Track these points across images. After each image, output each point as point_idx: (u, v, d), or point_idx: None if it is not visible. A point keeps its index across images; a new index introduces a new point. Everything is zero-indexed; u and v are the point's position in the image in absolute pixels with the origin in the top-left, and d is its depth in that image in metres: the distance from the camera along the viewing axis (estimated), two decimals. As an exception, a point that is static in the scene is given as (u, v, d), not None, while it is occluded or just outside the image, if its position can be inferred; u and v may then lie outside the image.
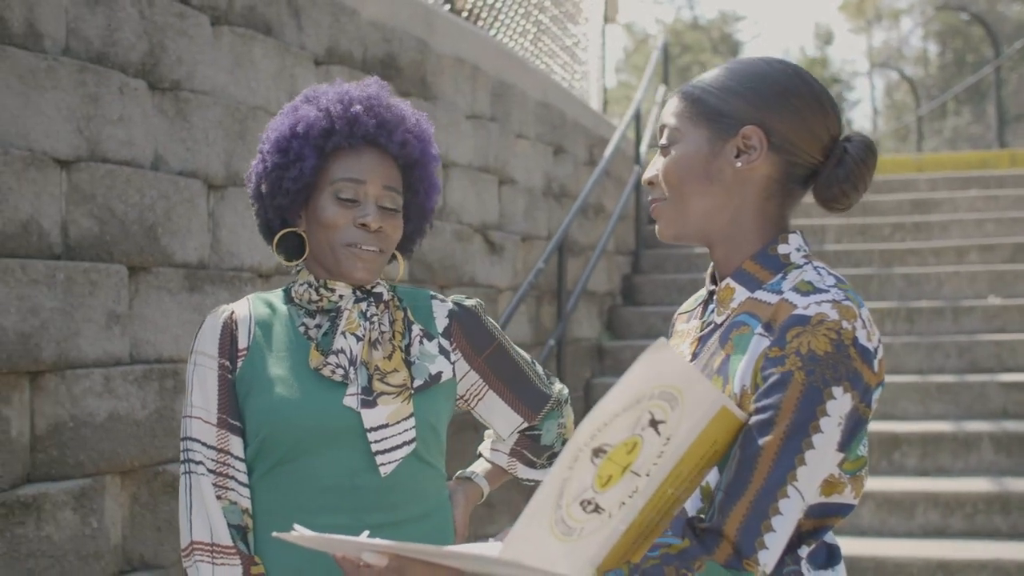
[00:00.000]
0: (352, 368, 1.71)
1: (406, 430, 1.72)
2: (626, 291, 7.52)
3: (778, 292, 1.41)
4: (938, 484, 4.93)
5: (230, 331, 1.74)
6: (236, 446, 1.70)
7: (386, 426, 1.71)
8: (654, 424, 1.23)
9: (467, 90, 5.34)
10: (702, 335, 1.52)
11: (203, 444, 1.69)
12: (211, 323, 1.75)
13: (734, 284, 1.48)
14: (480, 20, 6.50)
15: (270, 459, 1.70)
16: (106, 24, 3.15)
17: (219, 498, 1.68)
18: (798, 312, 1.35)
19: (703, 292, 1.60)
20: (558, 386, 1.96)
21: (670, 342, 1.62)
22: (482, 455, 1.99)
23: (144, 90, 3.27)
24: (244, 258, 3.63)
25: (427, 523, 1.76)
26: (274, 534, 1.47)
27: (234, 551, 1.67)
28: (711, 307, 1.53)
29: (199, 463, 1.69)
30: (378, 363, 1.73)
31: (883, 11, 35.53)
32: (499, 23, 6.70)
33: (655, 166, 1.53)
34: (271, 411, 1.69)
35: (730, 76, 1.49)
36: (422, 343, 1.80)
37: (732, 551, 1.30)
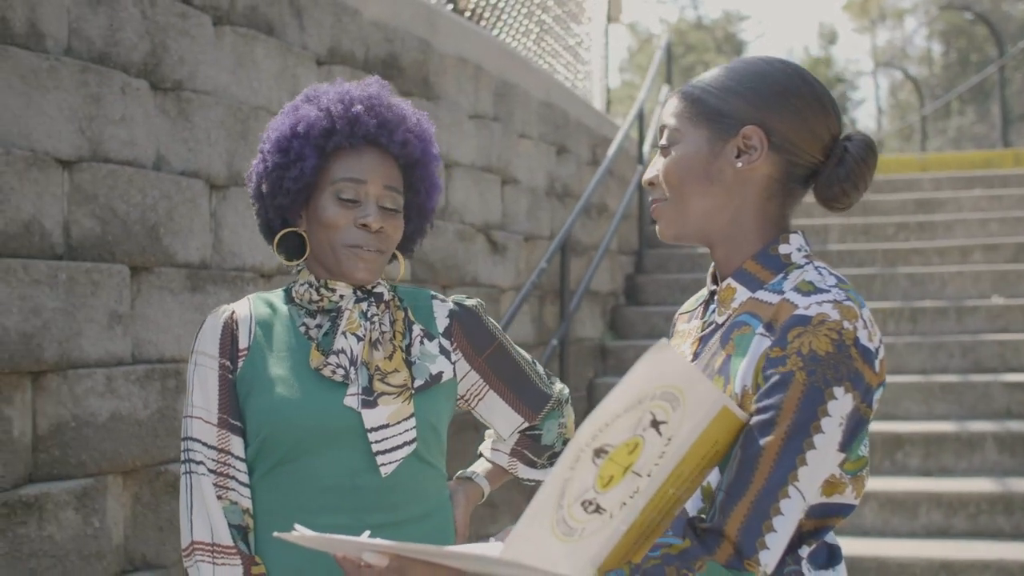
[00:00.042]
0: (353, 368, 1.71)
1: (407, 430, 1.72)
2: (629, 291, 7.52)
3: (779, 292, 1.41)
4: (941, 484, 4.92)
5: (231, 331, 1.74)
6: (237, 446, 1.70)
7: (387, 426, 1.71)
8: (656, 425, 1.22)
9: (470, 90, 5.34)
10: (703, 335, 1.52)
11: (204, 444, 1.69)
12: (212, 323, 1.75)
13: (735, 284, 1.48)
14: (483, 20, 6.50)
15: (271, 459, 1.70)
16: (108, 24, 3.15)
17: (220, 498, 1.68)
18: (799, 312, 1.35)
19: (704, 292, 1.60)
20: (558, 386, 1.96)
21: (671, 342, 1.62)
22: (483, 455, 1.99)
23: (146, 90, 3.27)
24: (246, 258, 3.63)
25: (428, 523, 1.76)
26: (275, 534, 1.47)
27: (235, 551, 1.67)
28: (712, 307, 1.53)
29: (200, 463, 1.69)
30: (379, 363, 1.73)
31: (887, 10, 35.50)
32: (502, 23, 6.70)
33: (655, 166, 1.53)
34: (272, 411, 1.69)
35: (730, 76, 1.49)
36: (423, 343, 1.80)
37: (733, 551, 1.30)
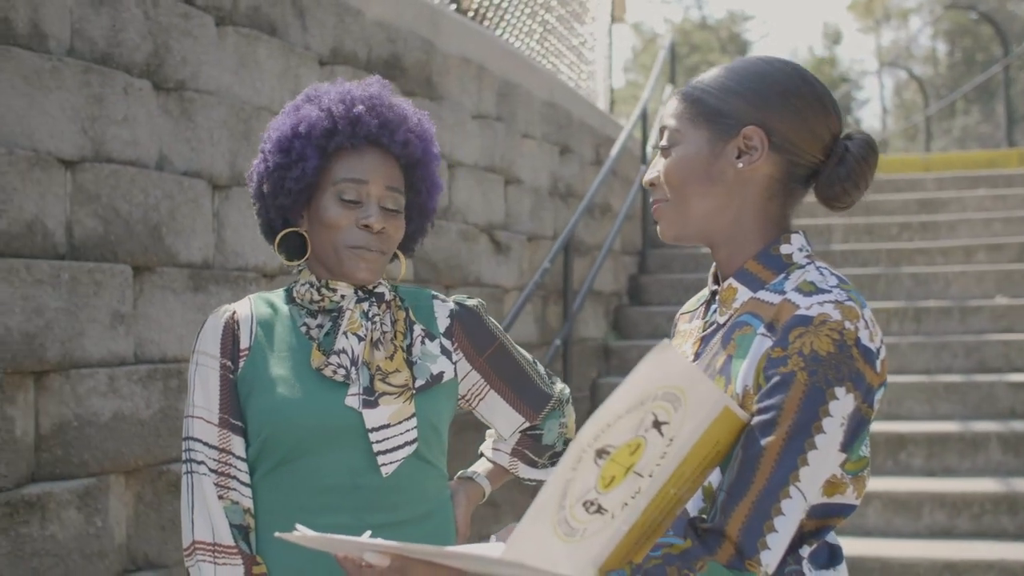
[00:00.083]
0: (354, 368, 1.71)
1: (408, 430, 1.72)
2: (632, 291, 7.52)
3: (781, 292, 1.41)
4: (945, 484, 4.92)
5: (232, 331, 1.74)
6: (238, 446, 1.70)
7: (388, 426, 1.71)
8: (657, 425, 1.22)
9: (473, 90, 5.34)
10: (704, 335, 1.52)
11: (205, 444, 1.70)
12: (213, 323, 1.75)
13: (736, 284, 1.48)
14: (486, 20, 6.49)
15: (272, 459, 1.70)
16: (110, 25, 3.16)
17: (221, 498, 1.68)
18: (801, 312, 1.35)
19: (705, 292, 1.60)
20: (559, 386, 1.96)
21: (672, 342, 1.61)
22: (483, 455, 1.99)
23: (149, 90, 3.27)
24: (248, 258, 3.63)
25: (429, 523, 1.76)
26: (276, 534, 1.47)
27: (236, 551, 1.67)
28: (713, 307, 1.53)
29: (201, 463, 1.69)
30: (380, 363, 1.73)
31: (892, 10, 35.48)
32: (505, 23, 6.70)
33: (656, 167, 1.53)
34: (273, 411, 1.69)
35: (730, 76, 1.48)
36: (424, 343, 1.80)
37: (734, 551, 1.30)
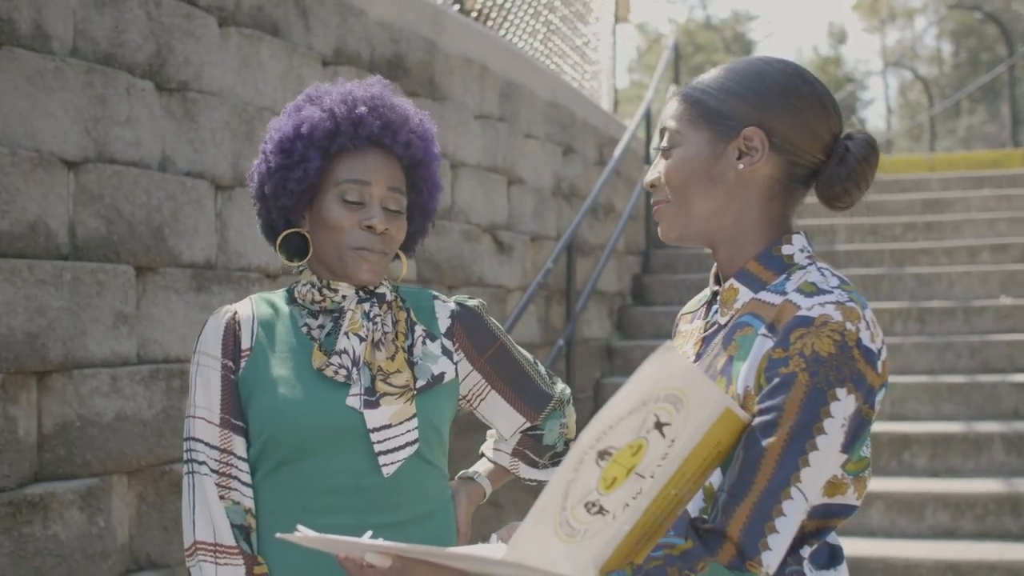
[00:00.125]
0: (355, 369, 1.71)
1: (409, 431, 1.72)
2: (636, 291, 7.51)
3: (782, 293, 1.41)
4: (948, 485, 4.91)
5: (233, 331, 1.74)
6: (239, 446, 1.71)
7: (389, 427, 1.71)
8: (659, 427, 1.22)
9: (476, 90, 5.34)
10: (706, 336, 1.52)
11: (206, 444, 1.70)
12: (214, 323, 1.75)
13: (738, 285, 1.48)
14: (490, 20, 6.50)
15: (273, 459, 1.70)
16: (113, 25, 3.16)
17: (222, 498, 1.68)
18: (802, 313, 1.35)
19: (706, 292, 1.59)
20: (560, 386, 1.96)
21: (673, 342, 1.61)
22: (484, 455, 1.99)
23: (151, 91, 3.27)
24: (251, 258, 3.64)
25: (430, 523, 1.76)
26: (277, 535, 1.47)
27: (237, 551, 1.67)
28: (715, 308, 1.53)
29: (202, 463, 1.69)
30: (381, 364, 1.73)
31: (897, 10, 35.44)
32: (509, 23, 6.70)
33: (657, 169, 1.52)
34: (274, 411, 1.69)
35: (729, 77, 1.48)
36: (425, 343, 1.80)
37: (735, 552, 1.30)
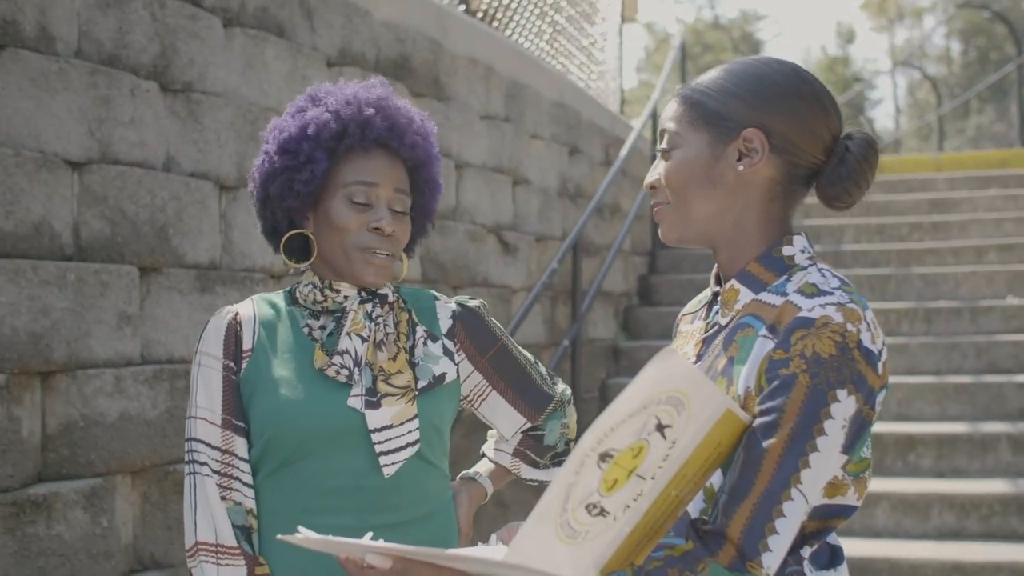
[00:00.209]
0: (356, 369, 1.72)
1: (410, 431, 1.73)
2: (642, 291, 7.51)
3: (782, 294, 1.41)
4: (954, 486, 4.90)
5: (234, 332, 1.74)
6: (240, 447, 1.71)
7: (390, 427, 1.71)
8: (660, 428, 1.22)
9: (481, 91, 5.34)
10: (706, 336, 1.52)
11: (207, 445, 1.70)
12: (215, 324, 1.76)
13: (738, 286, 1.47)
14: (495, 21, 6.50)
15: (275, 460, 1.71)
16: (118, 27, 3.17)
17: (223, 499, 1.69)
18: (803, 314, 1.35)
19: (707, 293, 1.59)
20: (561, 386, 1.97)
21: (674, 343, 1.61)
22: (485, 455, 1.99)
23: (156, 92, 3.28)
24: (255, 259, 3.64)
25: (431, 524, 1.77)
26: (278, 536, 1.47)
27: (238, 551, 1.67)
28: (715, 308, 1.53)
29: (204, 464, 1.69)
30: (383, 364, 1.74)
31: (905, 9, 35.39)
32: (514, 23, 6.70)
33: (656, 170, 1.52)
34: (276, 412, 1.69)
35: (728, 78, 1.48)
36: (426, 344, 1.81)
37: (736, 553, 1.30)
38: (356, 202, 1.73)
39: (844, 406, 1.32)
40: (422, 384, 1.76)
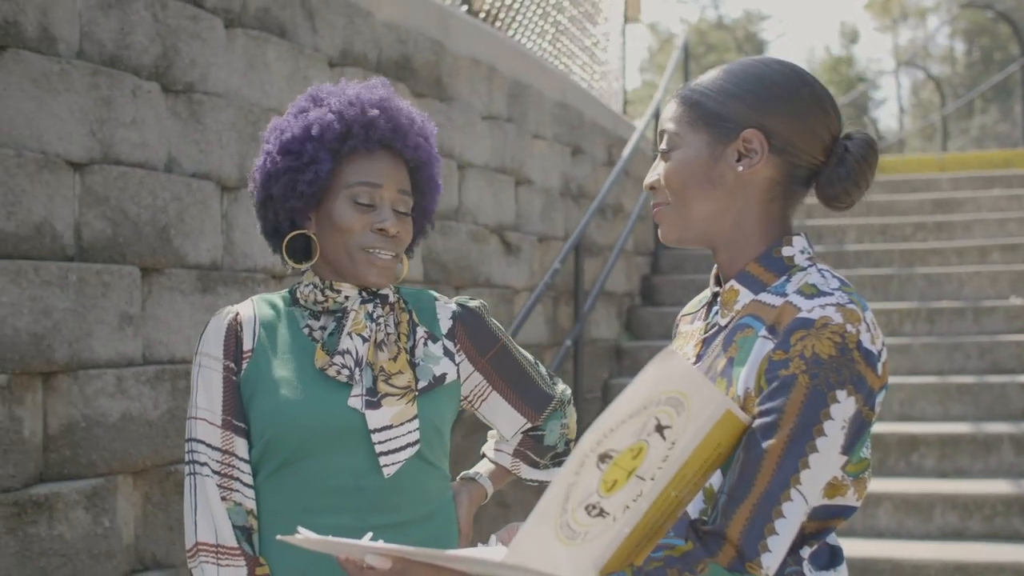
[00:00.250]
0: (357, 369, 1.72)
1: (410, 431, 1.73)
2: (645, 291, 7.51)
3: (782, 295, 1.41)
4: (957, 486, 4.90)
5: (235, 333, 1.75)
6: (241, 447, 1.71)
7: (390, 427, 1.72)
8: (660, 429, 1.22)
9: (483, 91, 5.34)
10: (706, 337, 1.52)
11: (208, 446, 1.70)
12: (215, 325, 1.76)
13: (738, 286, 1.47)
14: (498, 21, 6.50)
15: (275, 460, 1.71)
16: (119, 27, 3.17)
17: (224, 499, 1.69)
18: (802, 315, 1.35)
19: (707, 293, 1.59)
20: (561, 387, 1.97)
21: (674, 343, 1.61)
22: (485, 456, 1.99)
23: (157, 92, 3.28)
24: (257, 259, 3.64)
25: (431, 524, 1.77)
26: (278, 537, 1.47)
27: (239, 552, 1.68)
28: (715, 309, 1.53)
29: (204, 464, 1.70)
30: (383, 364, 1.74)
31: (909, 9, 35.37)
32: (517, 24, 6.70)
33: (656, 171, 1.52)
34: (276, 412, 1.69)
35: (728, 79, 1.48)
36: (426, 345, 1.81)
37: (735, 554, 1.30)
38: (360, 203, 1.74)
39: (844, 407, 1.32)
40: (422, 384, 1.76)
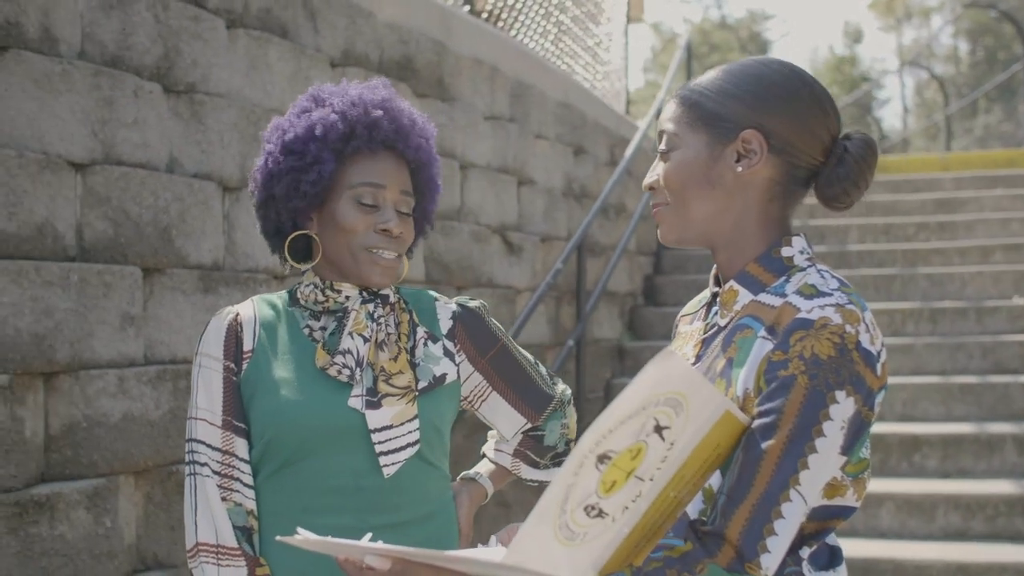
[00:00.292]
0: (358, 369, 1.72)
1: (410, 431, 1.73)
2: (648, 291, 7.51)
3: (781, 295, 1.41)
4: (959, 486, 4.89)
5: (235, 333, 1.75)
6: (241, 448, 1.71)
7: (390, 427, 1.72)
8: (659, 430, 1.22)
9: (485, 91, 5.34)
10: (705, 337, 1.52)
11: (208, 446, 1.71)
12: (216, 325, 1.76)
13: (737, 287, 1.47)
14: (500, 21, 6.50)
15: (275, 461, 1.71)
16: (121, 28, 3.17)
17: (224, 500, 1.69)
18: (801, 316, 1.35)
19: (706, 294, 1.59)
20: (561, 387, 1.97)
21: (673, 344, 1.61)
22: (486, 456, 1.99)
23: (159, 93, 3.29)
24: (259, 259, 3.65)
25: (431, 524, 1.77)
26: (277, 538, 1.47)
27: (239, 552, 1.68)
28: (714, 309, 1.53)
29: (204, 465, 1.70)
30: (384, 364, 1.74)
31: (913, 9, 35.32)
32: (520, 24, 6.70)
33: (655, 171, 1.52)
34: (277, 413, 1.70)
35: (727, 79, 1.48)
36: (427, 345, 1.81)
37: (734, 554, 1.30)
38: (363, 203, 1.74)
39: (843, 407, 1.32)
40: (423, 385, 1.77)
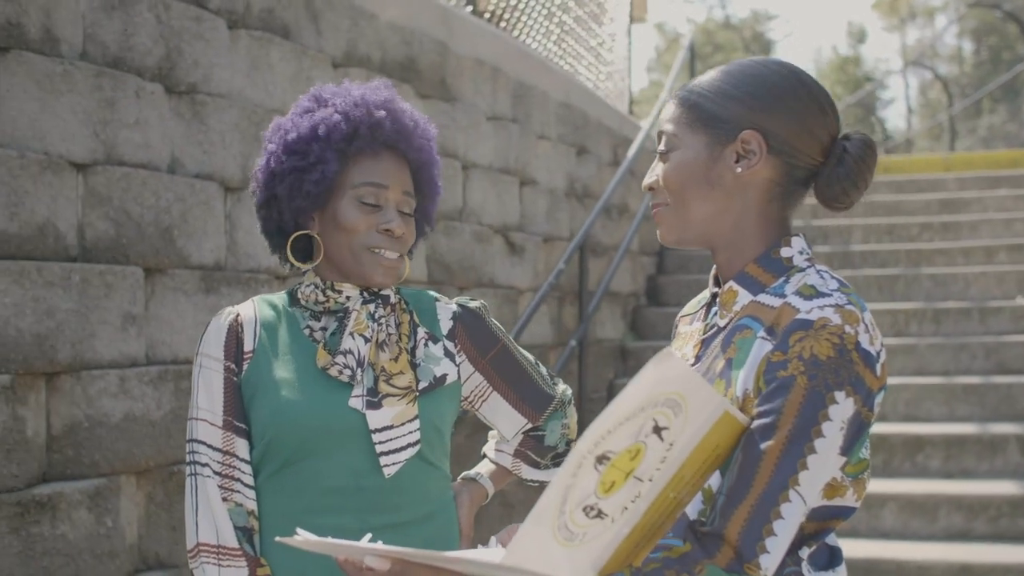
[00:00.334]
0: (359, 369, 1.72)
1: (411, 432, 1.73)
2: (650, 291, 7.50)
3: (781, 296, 1.40)
4: (962, 487, 4.89)
5: (236, 334, 1.75)
6: (241, 448, 1.71)
7: (391, 427, 1.72)
8: (658, 431, 1.22)
9: (487, 91, 5.34)
10: (705, 338, 1.52)
11: (209, 446, 1.71)
12: (216, 326, 1.76)
13: (737, 287, 1.47)
14: (503, 22, 6.50)
15: (276, 461, 1.71)
16: (122, 29, 3.17)
17: (225, 500, 1.69)
18: (801, 316, 1.35)
19: (706, 294, 1.59)
20: (561, 387, 1.97)
21: (673, 344, 1.61)
22: (486, 456, 1.99)
23: (161, 93, 3.29)
24: (260, 260, 3.65)
25: (431, 524, 1.77)
26: (277, 539, 1.47)
27: (240, 553, 1.68)
28: (714, 310, 1.53)
29: (205, 465, 1.70)
30: (384, 365, 1.74)
31: (917, 9, 35.30)
32: (522, 24, 6.70)
33: (655, 172, 1.52)
34: (277, 413, 1.70)
35: (726, 80, 1.48)
36: (427, 345, 1.81)
37: (733, 555, 1.30)
38: (366, 203, 1.74)
39: (842, 408, 1.32)
40: (423, 385, 1.77)
